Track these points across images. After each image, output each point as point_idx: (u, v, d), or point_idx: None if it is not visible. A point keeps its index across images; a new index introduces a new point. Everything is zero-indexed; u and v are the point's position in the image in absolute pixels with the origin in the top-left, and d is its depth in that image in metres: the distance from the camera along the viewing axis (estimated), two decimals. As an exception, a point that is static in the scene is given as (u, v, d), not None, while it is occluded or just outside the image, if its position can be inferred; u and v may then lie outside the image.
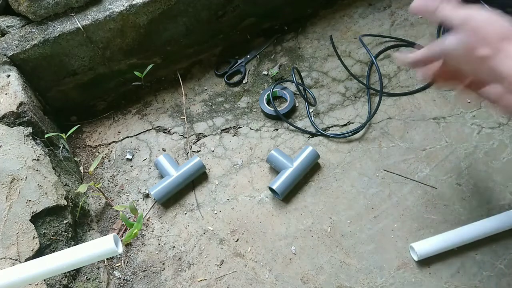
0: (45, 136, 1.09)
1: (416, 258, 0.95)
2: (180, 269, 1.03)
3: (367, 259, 0.98)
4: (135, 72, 1.23)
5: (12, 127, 1.02)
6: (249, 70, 1.34)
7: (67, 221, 0.99)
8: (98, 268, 1.02)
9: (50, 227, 0.95)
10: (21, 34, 1.10)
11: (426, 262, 0.95)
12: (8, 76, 1.07)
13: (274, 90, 1.24)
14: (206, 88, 1.33)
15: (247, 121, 1.24)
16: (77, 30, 1.10)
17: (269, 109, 1.22)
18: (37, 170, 0.99)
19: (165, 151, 1.22)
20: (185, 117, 1.27)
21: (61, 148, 1.18)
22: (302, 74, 1.28)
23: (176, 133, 1.25)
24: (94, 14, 1.11)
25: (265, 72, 1.32)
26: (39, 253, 0.89)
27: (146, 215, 1.12)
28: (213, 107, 1.28)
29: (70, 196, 1.06)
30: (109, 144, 1.26)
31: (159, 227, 1.09)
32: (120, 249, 0.66)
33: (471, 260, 0.95)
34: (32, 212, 0.92)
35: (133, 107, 1.32)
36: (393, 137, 1.14)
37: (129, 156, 1.22)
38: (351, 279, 0.96)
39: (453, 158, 1.09)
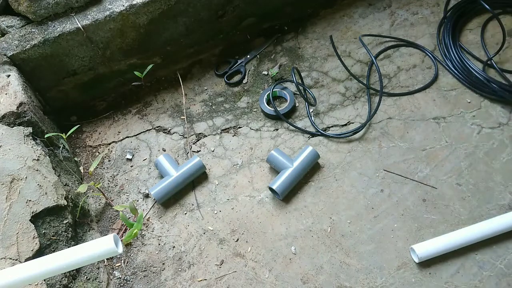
0: (45, 136, 1.09)
1: (417, 260, 0.95)
2: (180, 269, 1.03)
3: (367, 259, 0.98)
4: (135, 72, 1.23)
5: (12, 127, 1.02)
6: (249, 70, 1.34)
7: (67, 221, 0.99)
8: (98, 268, 1.02)
9: (50, 227, 0.95)
10: (21, 34, 1.10)
11: (426, 262, 0.95)
12: (8, 76, 1.07)
13: (274, 90, 1.24)
14: (206, 88, 1.33)
15: (247, 121, 1.24)
16: (77, 30, 1.10)
17: (269, 109, 1.22)
18: (37, 170, 0.99)
19: (165, 151, 1.22)
20: (185, 117, 1.27)
21: (61, 148, 1.18)
22: (302, 74, 1.28)
23: (176, 133, 1.25)
24: (94, 14, 1.11)
25: (265, 72, 1.32)
26: (39, 253, 0.89)
27: (146, 215, 1.12)
28: (213, 107, 1.28)
29: (70, 196, 1.06)
30: (109, 144, 1.26)
31: (159, 227, 1.09)
32: (120, 249, 0.66)
33: (471, 260, 0.95)
34: (32, 212, 0.92)
35: (133, 107, 1.32)
36: (393, 137, 1.14)
37: (129, 156, 1.22)
38: (351, 279, 0.96)
39: (453, 158, 1.08)
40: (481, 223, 0.95)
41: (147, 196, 1.15)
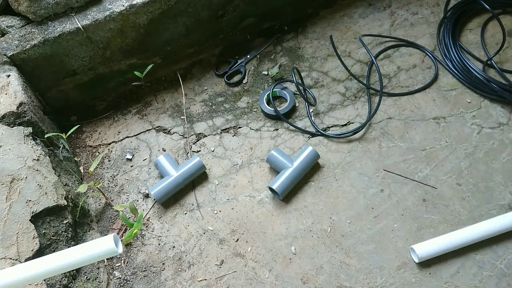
0: (45, 136, 1.09)
1: (417, 260, 0.95)
2: (180, 269, 1.03)
3: (367, 259, 0.98)
4: (135, 72, 1.23)
5: (12, 127, 1.02)
6: (249, 70, 1.34)
7: (67, 221, 0.99)
8: (98, 268, 1.02)
9: (50, 227, 0.95)
10: (21, 34, 1.10)
11: (426, 262, 0.95)
12: (8, 76, 1.07)
13: (274, 90, 1.24)
14: (206, 88, 1.33)
15: (247, 121, 1.24)
16: (77, 30, 1.10)
17: (269, 109, 1.22)
18: (37, 170, 0.99)
19: (165, 151, 1.22)
20: (185, 117, 1.27)
21: (61, 148, 1.18)
22: (302, 74, 1.28)
23: (176, 133, 1.25)
24: (94, 14, 1.11)
25: (265, 72, 1.32)
26: (39, 253, 0.89)
27: (146, 215, 1.12)
28: (213, 107, 1.28)
29: (70, 196, 1.06)
30: (109, 144, 1.26)
31: (159, 227, 1.09)
32: (120, 249, 0.66)
33: (471, 260, 0.95)
34: (32, 212, 0.92)
35: (133, 107, 1.32)
36: (393, 137, 1.14)
37: (129, 156, 1.22)
38: (351, 279, 0.96)
39: (453, 158, 1.09)
40: (481, 223, 0.95)
41: (147, 196, 1.15)
